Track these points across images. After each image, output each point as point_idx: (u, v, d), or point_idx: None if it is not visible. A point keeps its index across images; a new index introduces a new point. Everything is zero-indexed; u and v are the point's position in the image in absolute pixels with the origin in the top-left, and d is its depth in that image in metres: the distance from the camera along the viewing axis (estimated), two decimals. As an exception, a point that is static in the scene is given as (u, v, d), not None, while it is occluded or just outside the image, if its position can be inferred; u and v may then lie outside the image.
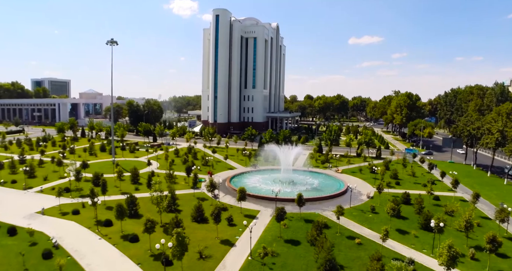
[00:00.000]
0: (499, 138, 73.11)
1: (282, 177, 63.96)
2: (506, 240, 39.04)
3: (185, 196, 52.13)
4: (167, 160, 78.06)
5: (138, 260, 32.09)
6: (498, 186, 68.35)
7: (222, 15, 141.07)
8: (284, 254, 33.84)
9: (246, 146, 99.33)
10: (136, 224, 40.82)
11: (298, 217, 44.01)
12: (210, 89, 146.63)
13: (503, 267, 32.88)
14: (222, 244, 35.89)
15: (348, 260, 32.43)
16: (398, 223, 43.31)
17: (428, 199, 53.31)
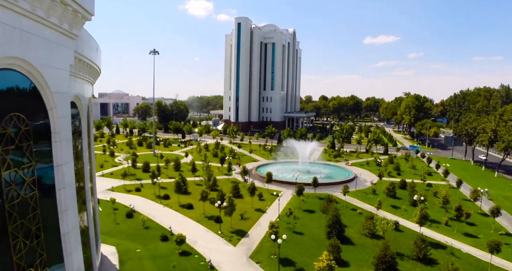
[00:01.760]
0: (491, 136, 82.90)
1: (299, 168, 75.60)
2: (478, 215, 49.87)
3: (221, 180, 64.41)
4: (200, 153, 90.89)
5: (197, 220, 44.45)
6: (489, 178, 78.38)
7: (244, 23, 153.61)
8: (302, 218, 45.75)
9: (267, 142, 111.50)
10: (187, 198, 53.27)
11: (313, 196, 55.74)
12: (232, 91, 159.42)
13: (468, 231, 43.75)
14: (256, 211, 48.05)
15: (350, 222, 44.00)
16: (393, 201, 54.58)
17: (422, 186, 64.16)
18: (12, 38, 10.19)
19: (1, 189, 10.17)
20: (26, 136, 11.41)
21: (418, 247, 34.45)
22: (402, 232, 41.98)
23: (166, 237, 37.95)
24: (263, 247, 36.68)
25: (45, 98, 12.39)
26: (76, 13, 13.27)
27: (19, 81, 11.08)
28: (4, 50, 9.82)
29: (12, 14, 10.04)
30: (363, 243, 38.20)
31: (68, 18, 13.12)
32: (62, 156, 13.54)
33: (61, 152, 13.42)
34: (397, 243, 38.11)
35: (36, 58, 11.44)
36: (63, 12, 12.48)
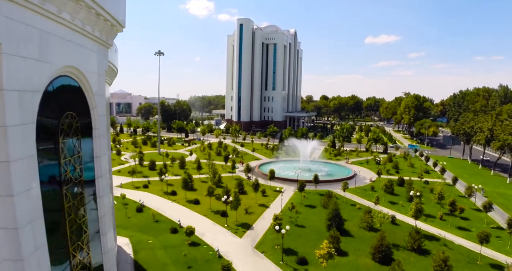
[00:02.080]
0: (488, 135, 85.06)
1: (300, 166, 77.84)
2: (472, 210, 52.14)
3: (225, 178, 66.66)
4: (203, 152, 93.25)
5: (204, 214, 46.76)
6: (485, 176, 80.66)
7: (246, 24, 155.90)
8: (304, 212, 48.05)
9: (268, 141, 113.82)
10: (194, 194, 55.56)
11: (314, 192, 58.01)
12: (234, 90, 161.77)
13: (462, 224, 45.99)
14: (260, 207, 50.35)
15: (349, 216, 46.25)
16: (390, 198, 56.84)
17: (419, 183, 66.37)
18: (69, 50, 12.48)
19: (60, 173, 12.46)
20: (77, 131, 13.70)
21: (413, 238, 36.74)
22: (399, 225, 44.24)
23: (176, 230, 40.29)
24: (267, 239, 38.99)
25: (88, 100, 14.67)
26: (113, 27, 15.57)
27: (71, 85, 13.36)
28: (64, 60, 12.12)
29: (69, 30, 12.34)
30: (361, 235, 40.47)
31: (107, 31, 15.42)
32: (101, 149, 15.83)
33: (99, 145, 15.71)
34: (394, 235, 40.34)
35: (83, 65, 13.73)
36: (104, 26, 14.77)
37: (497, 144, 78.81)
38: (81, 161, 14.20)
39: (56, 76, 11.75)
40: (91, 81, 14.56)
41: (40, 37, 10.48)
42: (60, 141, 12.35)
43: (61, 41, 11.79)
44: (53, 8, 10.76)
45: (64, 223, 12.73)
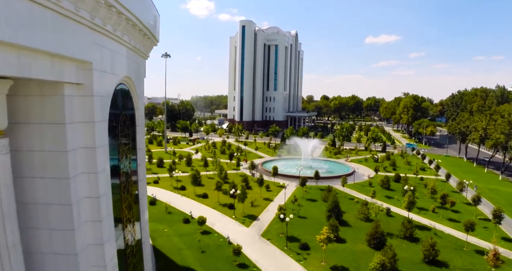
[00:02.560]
0: (482, 134, 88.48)
1: (302, 163, 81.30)
2: (463, 204, 55.63)
3: (231, 174, 70.14)
4: (208, 150, 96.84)
5: (212, 207, 50.30)
6: (479, 173, 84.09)
7: (248, 26, 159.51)
8: (305, 205, 51.59)
9: (271, 140, 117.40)
10: (202, 189, 59.05)
11: (315, 187, 61.51)
12: (236, 91, 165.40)
13: (452, 216, 49.46)
14: (264, 200, 53.89)
15: (348, 209, 49.74)
16: (387, 193, 60.31)
17: (415, 179, 69.84)
18: (126, 63, 16.04)
19: (119, 159, 15.99)
20: (130, 127, 17.25)
21: (405, 227, 40.27)
22: (393, 217, 47.74)
23: (188, 220, 43.86)
24: (272, 228, 42.53)
25: (134, 102, 18.20)
26: (152, 43, 19.13)
27: (124, 90, 16.90)
28: (123, 71, 15.67)
29: (126, 48, 15.90)
30: (359, 225, 43.98)
31: (147, 46, 18.97)
32: (141, 141, 19.37)
33: (140, 138, 19.25)
34: (388, 225, 43.82)
35: (133, 74, 17.27)
36: (146, 42, 18.32)
37: (490, 142, 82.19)
38: (131, 151, 17.75)
39: (118, 84, 15.31)
40: (137, 87, 18.12)
41: (111, 55, 14.03)
42: (119, 135, 15.89)
43: (121, 57, 15.34)
44: (119, 33, 14.31)
45: (120, 199, 16.28)
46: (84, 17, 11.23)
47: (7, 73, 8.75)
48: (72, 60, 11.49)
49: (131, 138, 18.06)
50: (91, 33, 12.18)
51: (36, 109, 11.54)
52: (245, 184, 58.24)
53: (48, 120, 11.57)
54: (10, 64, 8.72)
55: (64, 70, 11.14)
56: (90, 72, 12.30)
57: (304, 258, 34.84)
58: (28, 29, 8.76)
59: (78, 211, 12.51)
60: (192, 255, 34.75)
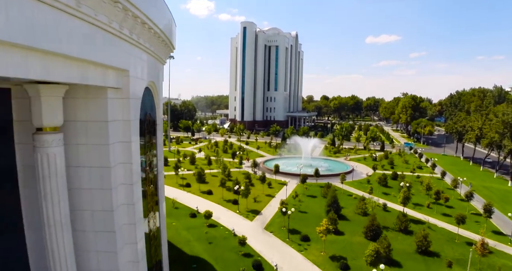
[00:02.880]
0: (478, 134, 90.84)
1: (302, 162, 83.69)
2: (457, 200, 58.00)
3: (234, 172, 72.43)
4: (211, 149, 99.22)
5: (217, 202, 52.63)
6: (474, 171, 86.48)
7: (249, 27, 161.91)
8: (306, 201, 53.95)
9: (272, 140, 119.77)
10: (206, 186, 61.36)
11: (315, 185, 63.83)
12: (237, 91, 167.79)
13: (446, 211, 51.83)
14: (267, 196, 56.25)
15: (346, 204, 52.06)
16: (384, 190, 62.66)
17: (412, 177, 72.18)
18: (151, 69, 18.38)
19: (145, 153, 18.31)
20: (152, 125, 19.61)
21: (400, 220, 42.65)
22: (389, 212, 50.11)
23: (195, 214, 46.24)
24: (274, 222, 44.90)
25: (156, 103, 20.55)
26: (170, 50, 21.48)
27: (149, 93, 19.24)
28: (149, 76, 18.03)
29: (151, 57, 18.26)
30: (356, 220, 46.34)
31: (166, 53, 21.33)
32: (159, 138, 21.71)
33: (159, 135, 21.59)
34: (384, 219, 46.14)
35: (155, 79, 19.61)
36: (165, 49, 20.67)
37: (485, 141, 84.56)
38: (153, 146, 20.11)
39: (145, 88, 17.66)
40: (158, 89, 20.48)
41: (140, 63, 16.39)
42: (145, 132, 18.24)
43: (148, 64, 17.70)
44: (147, 44, 16.66)
45: (145, 188, 18.62)
46: (123, 33, 13.56)
47: (73, 81, 11.08)
48: (113, 69, 13.81)
49: (153, 134, 20.38)
50: (126, 45, 14.52)
51: (82, 109, 13.86)
52: (248, 180, 60.54)
53: (93, 118, 13.88)
54: (75, 74, 11.07)
55: (108, 77, 13.46)
56: (127, 79, 14.62)
57: (305, 249, 37.22)
58: (87, 45, 11.10)
59: (116, 195, 14.81)
60: (200, 246, 37.12)
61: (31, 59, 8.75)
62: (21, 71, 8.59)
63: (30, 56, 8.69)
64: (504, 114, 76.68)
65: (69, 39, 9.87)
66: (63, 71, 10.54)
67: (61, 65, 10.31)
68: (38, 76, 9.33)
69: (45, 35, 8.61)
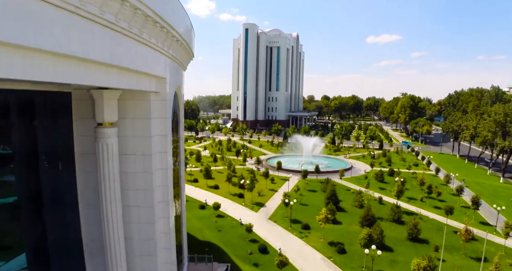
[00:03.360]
0: (473, 133, 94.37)
1: (303, 159, 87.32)
2: (449, 195, 61.58)
3: (238, 169, 76.16)
4: (215, 147, 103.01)
5: (224, 196, 56.34)
6: (469, 169, 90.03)
7: (251, 29, 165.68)
8: (306, 195, 57.64)
9: (273, 139, 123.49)
10: (213, 181, 65.06)
11: (316, 180, 67.50)
12: (240, 91, 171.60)
13: (438, 205, 55.40)
14: (270, 191, 59.95)
15: (344, 198, 55.67)
16: (381, 185, 66.29)
17: (408, 174, 75.76)
18: (178, 75, 22.08)
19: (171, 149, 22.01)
20: (177, 124, 23.32)
21: (394, 212, 46.29)
22: (384, 205, 53.72)
23: (203, 206, 49.96)
24: (277, 213, 48.60)
25: (179, 104, 24.25)
26: (190, 58, 25.20)
27: (176, 96, 22.94)
28: (177, 82, 21.73)
29: (177, 65, 21.96)
30: (353, 211, 49.98)
31: (188, 61, 25.05)
32: (181, 135, 25.42)
33: (181, 132, 25.29)
34: (379, 211, 49.75)
35: (180, 84, 23.32)
36: (188, 58, 24.39)
37: (479, 139, 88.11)
38: (177, 141, 23.82)
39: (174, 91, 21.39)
40: (181, 91, 24.20)
41: (171, 71, 20.09)
42: (173, 129, 21.95)
43: (177, 71, 21.43)
44: (175, 54, 20.37)
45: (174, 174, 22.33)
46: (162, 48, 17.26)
47: (131, 87, 14.78)
48: (155, 77, 17.51)
49: (177, 131, 24.09)
50: (164, 57, 18.22)
51: (131, 109, 17.54)
52: (252, 175, 64.26)
53: (139, 116, 17.56)
54: (134, 82, 14.79)
55: (152, 84, 17.15)
56: (164, 85, 18.33)
57: (305, 236, 40.92)
58: (140, 60, 14.81)
59: (155, 178, 18.52)
60: (211, 233, 40.86)
61: (111, 73, 12.51)
62: (105, 82, 12.35)
63: (111, 71, 12.43)
64: (496, 114, 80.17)
65: (130, 56, 13.61)
66: (128, 80, 14.30)
67: (126, 75, 14.08)
68: (113, 85, 13.09)
69: (119, 56, 12.36)
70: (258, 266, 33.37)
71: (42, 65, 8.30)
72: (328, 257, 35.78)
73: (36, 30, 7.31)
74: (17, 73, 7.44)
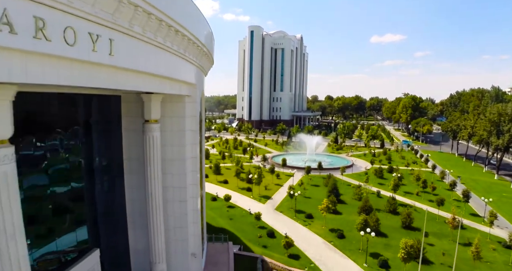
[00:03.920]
0: (470, 132, 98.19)
1: (307, 157, 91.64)
2: (443, 189, 65.61)
3: (245, 166, 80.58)
4: (222, 146, 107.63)
5: (233, 190, 60.77)
6: (466, 166, 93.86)
7: (256, 31, 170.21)
8: (310, 189, 61.99)
9: (278, 138, 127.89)
10: (222, 177, 69.58)
11: (318, 176, 71.81)
12: (245, 92, 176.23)
13: (432, 198, 59.38)
14: (276, 185, 64.37)
15: (345, 192, 59.95)
16: (380, 180, 70.46)
17: (406, 171, 79.87)
18: (202, 81, 26.57)
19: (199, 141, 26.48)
20: (201, 122, 27.81)
21: (390, 203, 50.53)
22: (382, 198, 57.89)
23: (215, 198, 54.47)
24: (283, 204, 53.01)
25: (202, 104, 28.73)
26: (211, 64, 29.70)
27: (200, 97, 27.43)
28: (202, 86, 26.22)
29: (201, 72, 26.43)
30: (353, 203, 54.22)
31: (209, 68, 29.56)
32: (203, 131, 29.90)
33: (203, 129, 29.77)
34: (377, 204, 53.94)
35: (203, 88, 27.80)
36: (209, 64, 28.88)
37: (475, 138, 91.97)
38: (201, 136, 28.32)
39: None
40: (203, 96, 28.71)
41: (198, 78, 24.57)
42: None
43: (201, 78, 25.91)
44: (201, 63, 24.86)
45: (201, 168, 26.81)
46: (194, 60, 21.74)
47: (172, 92, 19.29)
48: (189, 84, 22.01)
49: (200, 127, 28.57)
50: (194, 67, 22.72)
51: (170, 109, 22.05)
52: (259, 170, 68.75)
53: (176, 115, 22.08)
54: (176, 88, 19.31)
55: (186, 89, 21.68)
56: (195, 90, 22.84)
57: (308, 224, 45.32)
58: (179, 71, 19.30)
59: (187, 165, 23.04)
60: (223, 221, 45.38)
61: (163, 82, 17.05)
62: (155, 89, 16.86)
63: (160, 80, 16.97)
64: (491, 113, 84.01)
65: (172, 68, 18.14)
66: (170, 87, 18.83)
67: (169, 83, 18.63)
68: (159, 90, 17.61)
69: (165, 68, 16.88)
70: (267, 247, 37.82)
71: (129, 79, 12.94)
72: (328, 241, 40.17)
73: (141, 59, 11.87)
74: (126, 85, 12.03)
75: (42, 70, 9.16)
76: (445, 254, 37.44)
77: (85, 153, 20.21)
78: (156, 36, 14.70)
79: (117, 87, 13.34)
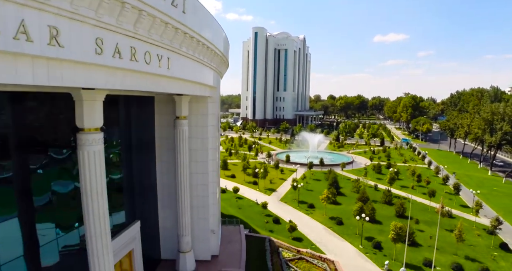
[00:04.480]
0: (466, 130, 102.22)
1: (309, 154, 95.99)
2: (438, 184, 69.87)
3: (251, 162, 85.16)
4: (227, 144, 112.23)
5: (240, 183, 65.15)
6: (462, 163, 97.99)
7: (260, 32, 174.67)
8: (312, 183, 66.44)
9: (281, 136, 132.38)
10: (229, 172, 74.07)
11: (320, 172, 76.23)
12: (249, 91, 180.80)
13: (426, 191, 63.66)
14: (280, 180, 68.84)
15: (345, 185, 64.33)
16: (378, 176, 74.80)
17: (404, 167, 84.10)
18: (219, 83, 31.06)
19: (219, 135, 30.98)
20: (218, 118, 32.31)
21: (385, 195, 54.89)
22: (379, 191, 62.19)
23: (224, 191, 58.96)
24: (287, 196, 57.50)
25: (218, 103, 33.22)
26: (227, 67, 34.22)
27: (216, 98, 31.94)
28: (219, 88, 30.72)
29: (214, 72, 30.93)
30: (352, 196, 58.59)
31: (225, 71, 34.08)
32: (219, 127, 34.44)
33: (219, 127, 34.32)
34: (374, 196, 58.30)
35: (220, 89, 32.32)
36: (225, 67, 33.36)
37: (470, 136, 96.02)
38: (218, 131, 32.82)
39: (218, 95, 30.39)
40: (219, 96, 33.23)
41: (217, 80, 29.07)
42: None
43: (218, 80, 30.41)
44: (219, 68, 29.34)
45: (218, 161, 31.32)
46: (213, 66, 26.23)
47: (199, 94, 23.78)
48: (211, 87, 26.53)
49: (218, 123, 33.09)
50: (213, 72, 27.23)
51: (195, 107, 26.57)
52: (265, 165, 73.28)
53: (200, 113, 26.61)
54: (202, 90, 23.83)
55: (208, 91, 26.19)
56: (215, 91, 27.35)
57: (310, 213, 49.81)
58: (203, 75, 23.83)
59: (209, 154, 27.57)
60: (233, 210, 49.91)
61: (195, 86, 21.57)
62: (186, 91, 21.36)
63: (195, 85, 21.49)
64: (485, 112, 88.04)
65: (198, 73, 22.61)
66: (198, 89, 23.33)
67: (197, 86, 23.13)
68: (189, 92, 22.10)
69: (193, 74, 21.36)
70: (273, 231, 42.32)
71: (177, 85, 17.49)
72: (328, 227, 44.64)
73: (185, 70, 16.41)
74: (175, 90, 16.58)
75: (133, 81, 13.74)
76: (432, 237, 41.74)
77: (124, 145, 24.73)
78: (194, 52, 19.28)
79: (171, 92, 18.03)
